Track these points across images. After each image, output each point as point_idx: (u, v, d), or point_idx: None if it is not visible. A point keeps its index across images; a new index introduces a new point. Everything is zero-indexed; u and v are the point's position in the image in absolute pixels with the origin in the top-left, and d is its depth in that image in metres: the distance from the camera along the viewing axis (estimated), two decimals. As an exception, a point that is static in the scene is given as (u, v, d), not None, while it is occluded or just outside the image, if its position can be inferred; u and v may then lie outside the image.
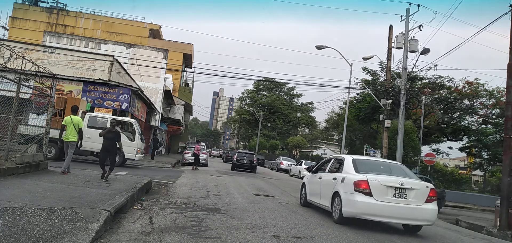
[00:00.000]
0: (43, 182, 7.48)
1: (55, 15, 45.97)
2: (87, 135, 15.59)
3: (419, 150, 25.11)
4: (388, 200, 7.23)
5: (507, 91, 11.77)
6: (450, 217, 14.78)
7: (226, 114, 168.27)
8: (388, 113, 20.31)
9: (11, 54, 8.24)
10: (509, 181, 11.00)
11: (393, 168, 8.50)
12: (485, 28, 14.31)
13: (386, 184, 7.32)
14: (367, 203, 7.15)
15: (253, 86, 65.54)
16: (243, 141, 76.41)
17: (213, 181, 14.13)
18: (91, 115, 16.58)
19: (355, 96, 32.87)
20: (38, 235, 4.11)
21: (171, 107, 39.81)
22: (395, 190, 7.30)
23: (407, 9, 19.55)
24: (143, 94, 23.58)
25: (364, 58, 23.76)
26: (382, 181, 7.36)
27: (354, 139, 41.23)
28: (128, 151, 16.15)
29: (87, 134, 15.58)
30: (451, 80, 28.01)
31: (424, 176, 17.49)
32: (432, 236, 8.34)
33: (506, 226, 10.81)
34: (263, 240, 5.53)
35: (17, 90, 8.73)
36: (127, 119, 18.12)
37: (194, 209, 7.56)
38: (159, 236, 5.12)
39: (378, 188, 7.25)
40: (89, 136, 15.70)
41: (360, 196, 7.20)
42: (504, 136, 11.75)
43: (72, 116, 9.73)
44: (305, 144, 62.37)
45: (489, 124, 28.40)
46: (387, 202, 7.21)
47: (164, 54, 32.05)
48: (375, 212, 7.22)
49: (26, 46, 19.89)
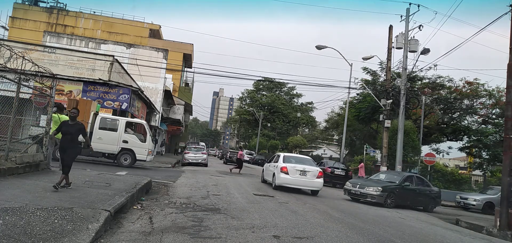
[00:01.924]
0: (43, 182, 7.47)
1: (55, 15, 45.96)
2: (99, 137, 15.73)
3: (419, 150, 25.11)
4: (297, 176, 13.44)
5: (507, 91, 11.77)
6: (450, 217, 14.77)
7: (226, 114, 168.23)
8: (388, 113, 20.31)
9: (11, 54, 8.24)
10: (509, 181, 11.00)
11: (303, 160, 14.84)
12: (485, 28, 14.34)
13: (296, 168, 13.54)
14: (286, 177, 13.40)
15: (253, 86, 65.55)
16: (243, 141, 76.38)
17: (213, 181, 14.13)
18: (102, 116, 16.53)
19: (355, 96, 32.87)
20: (38, 235, 4.11)
21: (171, 107, 39.82)
22: (300, 172, 13.49)
23: (407, 9, 19.56)
24: (143, 94, 23.58)
25: (364, 58, 23.77)
26: (294, 167, 13.58)
27: (354, 139, 41.19)
28: (139, 152, 16.19)
29: (99, 136, 15.72)
30: (451, 80, 28.04)
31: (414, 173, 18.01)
32: (432, 236, 8.35)
33: (506, 226, 10.82)
34: (263, 240, 5.53)
35: (17, 90, 8.72)
36: (139, 121, 18.17)
37: (194, 209, 7.55)
38: (159, 236, 5.12)
39: (292, 171, 13.46)
40: (101, 138, 15.77)
41: (283, 175, 13.42)
42: (504, 136, 11.75)
43: (59, 115, 10.00)
44: (305, 144, 62.33)
45: (489, 124, 28.38)
46: (296, 178, 13.43)
47: (164, 54, 32.05)
48: (290, 182, 13.42)
49: (26, 46, 19.88)
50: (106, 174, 10.54)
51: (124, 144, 16.08)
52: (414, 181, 15.21)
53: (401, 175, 15.52)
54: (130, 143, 16.14)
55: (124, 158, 16.04)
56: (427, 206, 14.96)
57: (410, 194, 14.66)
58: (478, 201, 19.03)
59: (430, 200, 15.18)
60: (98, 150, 15.74)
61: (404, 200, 14.36)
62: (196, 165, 24.80)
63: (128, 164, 15.91)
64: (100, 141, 15.69)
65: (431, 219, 12.53)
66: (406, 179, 15.02)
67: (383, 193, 13.58)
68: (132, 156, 16.12)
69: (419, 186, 15.16)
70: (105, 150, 15.99)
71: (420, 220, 11.38)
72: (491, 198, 19.22)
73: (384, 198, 13.53)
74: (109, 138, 15.91)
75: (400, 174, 15.83)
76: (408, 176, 15.72)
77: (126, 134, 16.23)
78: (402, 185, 14.46)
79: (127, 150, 16.10)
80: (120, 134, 16.09)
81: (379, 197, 13.50)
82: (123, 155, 16.05)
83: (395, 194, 13.96)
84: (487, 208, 18.72)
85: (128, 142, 16.15)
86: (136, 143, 16.22)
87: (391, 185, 14.38)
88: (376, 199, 13.51)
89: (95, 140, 15.54)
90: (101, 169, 12.50)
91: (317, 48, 24.78)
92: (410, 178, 15.46)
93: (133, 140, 16.25)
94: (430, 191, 15.47)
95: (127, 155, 16.08)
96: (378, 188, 13.77)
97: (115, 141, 15.98)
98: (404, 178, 14.97)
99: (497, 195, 19.39)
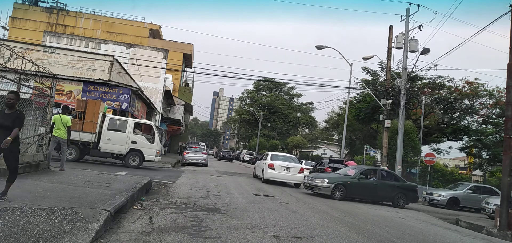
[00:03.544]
0: (43, 182, 7.47)
1: (55, 15, 45.94)
2: (107, 138, 15.95)
3: (419, 150, 25.11)
4: (282, 172, 16.30)
5: (507, 91, 11.77)
6: (450, 217, 14.78)
7: (226, 114, 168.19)
8: (388, 113, 20.31)
9: (11, 54, 8.23)
10: (509, 181, 11.00)
11: (288, 158, 17.67)
12: (485, 28, 14.34)
13: (281, 165, 16.41)
14: (273, 172, 16.21)
15: (253, 86, 65.51)
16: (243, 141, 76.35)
17: (213, 181, 14.13)
18: (111, 117, 16.67)
19: (355, 96, 32.85)
20: (38, 235, 4.11)
21: (171, 107, 39.81)
22: (285, 168, 16.37)
23: (407, 9, 19.56)
24: (143, 94, 23.59)
25: (364, 58, 23.78)
26: (280, 163, 16.46)
27: (354, 139, 41.20)
28: (148, 153, 16.32)
29: (107, 136, 15.94)
30: (451, 80, 28.02)
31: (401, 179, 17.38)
32: (432, 236, 8.35)
33: (506, 226, 10.82)
34: (263, 240, 5.52)
35: (17, 90, 8.71)
36: (147, 122, 18.38)
37: (194, 209, 7.55)
38: (159, 236, 5.12)
39: (277, 167, 16.27)
40: (110, 139, 15.97)
41: (270, 170, 16.22)
42: (504, 136, 11.75)
43: (61, 115, 10.34)
44: (305, 144, 62.34)
45: (489, 124, 28.38)
46: (281, 173, 16.29)
47: (164, 54, 32.04)
48: (276, 177, 16.24)
49: (26, 46, 19.88)
50: (106, 174, 10.54)
51: (132, 144, 16.22)
52: (378, 175, 14.86)
53: (359, 169, 15.47)
54: (139, 144, 16.30)
55: (133, 159, 16.17)
56: (395, 201, 14.42)
57: (368, 187, 14.32)
58: (442, 196, 19.01)
59: (399, 195, 14.55)
60: (106, 151, 16.01)
61: (361, 194, 14.15)
62: (196, 165, 24.82)
63: (136, 165, 16.03)
64: (109, 142, 15.90)
65: (431, 219, 12.54)
66: (364, 173, 14.82)
67: (330, 185, 13.57)
68: (140, 157, 16.24)
69: (385, 180, 14.76)
70: (113, 150, 16.17)
71: (420, 220, 11.38)
72: (456, 194, 19.35)
73: (331, 190, 13.52)
74: (117, 139, 16.07)
75: (360, 168, 15.79)
76: (368, 169, 15.61)
77: (134, 135, 16.39)
78: (357, 178, 14.25)
79: (136, 151, 16.25)
80: (128, 135, 16.24)
81: (325, 188, 13.59)
82: (131, 156, 16.20)
83: (346, 186, 13.75)
84: (452, 203, 18.77)
85: (137, 142, 16.30)
86: (144, 144, 16.35)
87: (343, 178, 14.33)
88: (322, 190, 13.65)
89: (103, 141, 15.80)
90: (101, 169, 12.50)
91: (317, 48, 24.79)
92: (370, 171, 15.27)
93: (142, 140, 16.40)
94: (400, 186, 14.85)
95: (136, 155, 16.23)
96: (325, 179, 13.87)
97: (124, 141, 16.15)
98: (361, 172, 14.79)
99: (463, 191, 19.51)
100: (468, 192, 19.53)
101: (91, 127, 15.70)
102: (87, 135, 15.65)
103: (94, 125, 15.79)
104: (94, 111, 15.92)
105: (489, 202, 16.34)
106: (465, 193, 19.46)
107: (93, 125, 15.72)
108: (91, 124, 15.70)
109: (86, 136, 15.62)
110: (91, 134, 15.72)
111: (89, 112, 15.84)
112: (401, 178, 16.14)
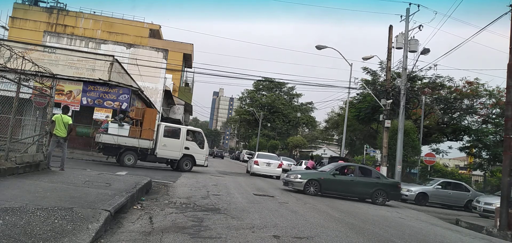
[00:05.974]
0: (43, 182, 7.47)
1: (55, 15, 45.93)
2: (164, 144, 17.04)
3: (419, 150, 25.11)
4: (264, 167, 21.04)
5: (507, 91, 11.77)
6: (450, 217, 14.78)
7: (226, 114, 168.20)
8: (388, 113, 20.31)
9: (11, 54, 8.22)
10: (509, 181, 11.00)
11: (270, 156, 22.75)
12: (485, 28, 14.34)
13: (264, 161, 21.32)
14: (257, 167, 21.03)
15: (253, 86, 65.58)
16: (243, 141, 76.35)
17: (213, 181, 14.13)
18: (166, 125, 18.00)
19: (355, 96, 32.85)
20: (38, 235, 4.11)
21: (171, 107, 39.81)
22: (267, 163, 21.17)
23: (407, 9, 19.56)
24: (143, 94, 23.59)
25: (364, 58, 23.79)
26: (263, 160, 21.37)
27: (354, 139, 41.21)
28: (198, 158, 17.60)
29: (164, 143, 17.06)
30: (451, 80, 28.00)
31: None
32: (432, 236, 8.35)
33: (506, 226, 10.82)
34: (263, 240, 5.52)
35: (17, 90, 8.71)
36: (197, 129, 19.77)
37: (194, 209, 7.55)
38: (159, 236, 5.12)
39: (261, 163, 21.13)
40: (166, 145, 17.03)
41: (255, 165, 21.13)
42: (504, 136, 11.75)
43: (62, 115, 10.47)
44: (305, 144, 62.38)
45: (489, 124, 28.36)
46: (264, 167, 21.02)
47: (164, 54, 32.01)
48: (260, 171, 20.87)
49: (26, 46, 19.86)
50: (106, 174, 10.54)
51: (186, 150, 17.35)
52: (356, 171, 14.83)
53: (335, 165, 15.58)
54: (191, 150, 17.49)
55: (185, 164, 17.33)
56: (374, 198, 14.28)
57: (343, 184, 14.29)
58: (411, 192, 18.89)
59: (378, 192, 14.37)
60: (163, 157, 17.07)
61: (336, 190, 14.19)
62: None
63: (188, 169, 17.29)
64: (165, 148, 17.00)
65: (431, 219, 12.54)
66: (339, 169, 14.77)
67: (302, 180, 13.82)
68: (192, 161, 17.45)
69: (363, 177, 14.70)
70: (169, 156, 17.20)
71: (420, 220, 11.39)
72: (425, 189, 19.38)
73: (304, 185, 13.75)
74: (173, 145, 17.17)
75: (336, 164, 15.89)
76: (343, 166, 15.53)
77: (187, 141, 17.51)
78: (332, 174, 14.29)
79: (188, 156, 17.42)
80: (182, 141, 17.35)
81: (298, 184, 13.92)
82: (184, 161, 17.33)
83: (319, 182, 13.87)
84: (421, 198, 18.77)
85: (190, 148, 17.47)
86: (196, 150, 17.59)
87: (317, 174, 14.59)
88: (295, 186, 14.00)
89: (160, 147, 16.90)
90: (101, 169, 12.51)
91: (317, 48, 24.80)
92: (347, 168, 15.26)
93: (193, 146, 17.63)
94: (379, 183, 14.64)
95: (188, 160, 17.41)
96: (297, 175, 14.24)
97: (178, 147, 17.26)
98: (336, 168, 14.83)
99: (432, 186, 19.52)
100: (437, 187, 19.37)
101: (149, 134, 16.64)
102: (146, 142, 16.54)
103: (152, 132, 16.69)
104: (151, 119, 16.99)
105: (480, 201, 16.34)
106: (435, 188, 19.32)
107: (150, 132, 16.64)
108: (149, 132, 16.68)
109: (145, 142, 16.51)
110: (149, 140, 16.64)
111: (147, 120, 16.82)
112: (382, 175, 15.95)
